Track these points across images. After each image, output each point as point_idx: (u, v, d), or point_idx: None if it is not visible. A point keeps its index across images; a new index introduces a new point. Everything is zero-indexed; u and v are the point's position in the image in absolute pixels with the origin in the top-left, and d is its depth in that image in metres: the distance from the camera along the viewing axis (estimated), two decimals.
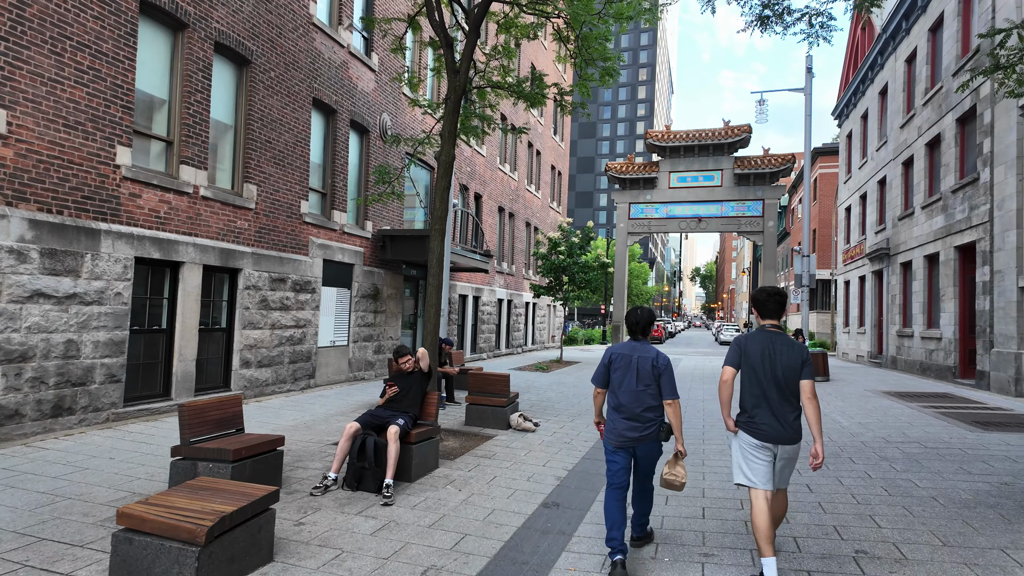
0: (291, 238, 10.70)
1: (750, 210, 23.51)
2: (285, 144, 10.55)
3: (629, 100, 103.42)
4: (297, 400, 9.94)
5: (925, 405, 10.32)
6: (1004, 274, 11.73)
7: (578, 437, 7.88)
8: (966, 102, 13.71)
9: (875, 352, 20.90)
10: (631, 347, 3.88)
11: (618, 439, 3.78)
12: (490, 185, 20.06)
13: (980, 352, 12.71)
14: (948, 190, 14.54)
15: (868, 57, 21.44)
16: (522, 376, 14.81)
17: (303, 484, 5.39)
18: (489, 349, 20.12)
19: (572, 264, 18.93)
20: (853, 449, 7.01)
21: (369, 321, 13.02)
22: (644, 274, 57.01)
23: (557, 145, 28.51)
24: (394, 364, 6.21)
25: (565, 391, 12.39)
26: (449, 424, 8.41)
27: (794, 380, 3.48)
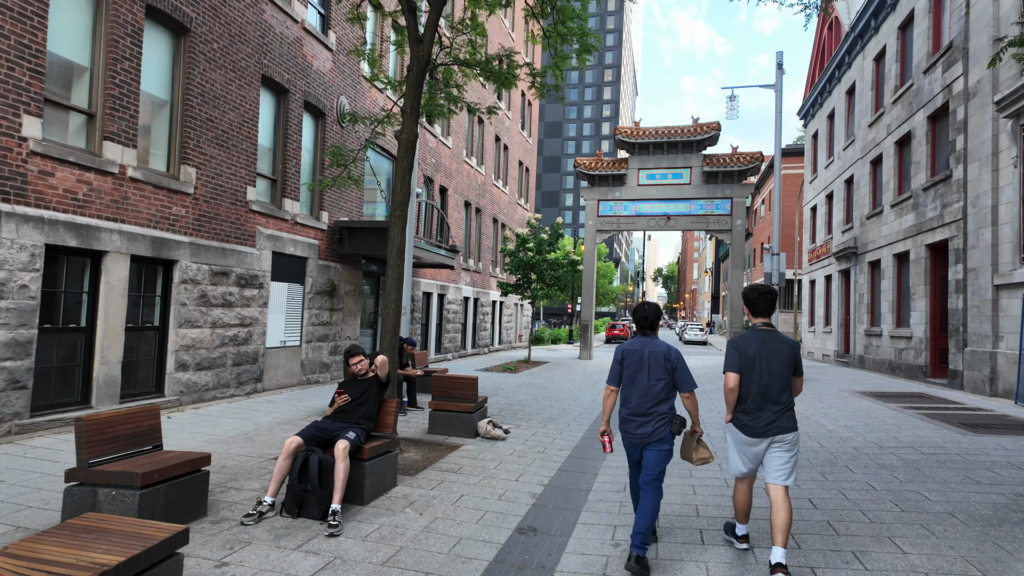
0: (236, 227, 9.71)
1: (718, 208, 23.30)
2: (229, 124, 9.57)
3: (595, 100, 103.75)
4: (241, 407, 8.98)
5: (905, 406, 10.03)
6: (978, 272, 11.58)
7: (552, 445, 7.21)
8: (938, 99, 13.61)
9: (842, 351, 20.92)
10: (642, 343, 3.87)
11: (630, 437, 3.84)
12: (456, 178, 19.27)
13: (953, 351, 12.58)
14: (919, 188, 14.45)
15: (835, 56, 21.46)
16: (489, 378, 14.08)
17: (234, 510, 4.55)
18: (455, 349, 19.32)
19: (541, 261, 18.33)
20: (847, 456, 6.53)
21: (324, 320, 12.08)
22: (610, 273, 57.01)
23: (525, 140, 27.88)
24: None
25: (535, 393, 11.73)
26: (411, 432, 7.62)
27: (788, 376, 3.64)
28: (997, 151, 11.20)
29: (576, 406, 10.38)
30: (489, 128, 22.62)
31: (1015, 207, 10.57)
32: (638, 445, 3.81)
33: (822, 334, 23.65)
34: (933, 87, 13.85)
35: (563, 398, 11.32)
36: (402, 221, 6.75)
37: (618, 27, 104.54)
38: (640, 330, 3.99)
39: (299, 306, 11.39)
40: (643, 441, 3.77)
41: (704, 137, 22.96)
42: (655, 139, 23.20)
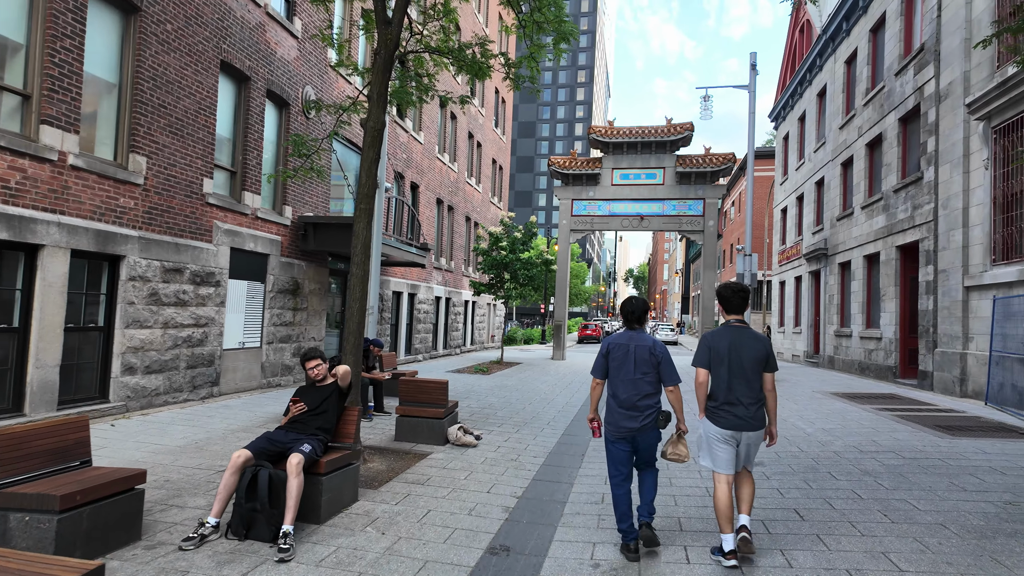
0: (191, 222, 9.13)
1: (691, 209, 23.31)
2: (184, 111, 8.98)
3: (568, 101, 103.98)
4: (194, 412, 8.42)
5: (879, 407, 9.98)
6: (949, 273, 11.65)
7: (526, 452, 6.87)
8: (909, 101, 13.71)
9: (811, 352, 21.10)
10: (628, 336, 3.88)
11: (617, 430, 3.82)
12: (428, 175, 18.80)
13: (923, 352, 12.65)
14: (890, 190, 14.55)
15: (807, 59, 21.65)
16: (461, 379, 13.68)
17: (174, 532, 4.09)
18: (425, 350, 18.86)
19: (514, 260, 17.98)
20: (828, 461, 6.34)
21: (287, 320, 11.53)
22: (583, 274, 57.07)
23: (499, 138, 27.53)
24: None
25: (508, 396, 11.38)
26: (376, 440, 7.20)
27: (758, 372, 3.68)
28: (968, 153, 11.26)
29: (550, 409, 10.07)
30: (462, 125, 22.20)
31: (986, 209, 10.63)
32: (625, 438, 3.83)
33: (792, 335, 23.87)
34: (904, 89, 13.95)
35: (537, 400, 11.00)
36: (368, 215, 6.33)
37: (591, 28, 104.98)
38: (627, 324, 3.99)
39: (260, 305, 10.83)
40: (630, 434, 3.81)
41: (677, 137, 22.94)
42: (629, 139, 23.09)
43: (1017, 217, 9.93)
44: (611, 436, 3.87)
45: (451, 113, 21.00)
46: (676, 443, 3.89)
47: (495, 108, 27.11)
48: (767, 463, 6.30)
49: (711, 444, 3.76)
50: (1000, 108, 10.21)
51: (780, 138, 26.81)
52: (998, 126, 10.40)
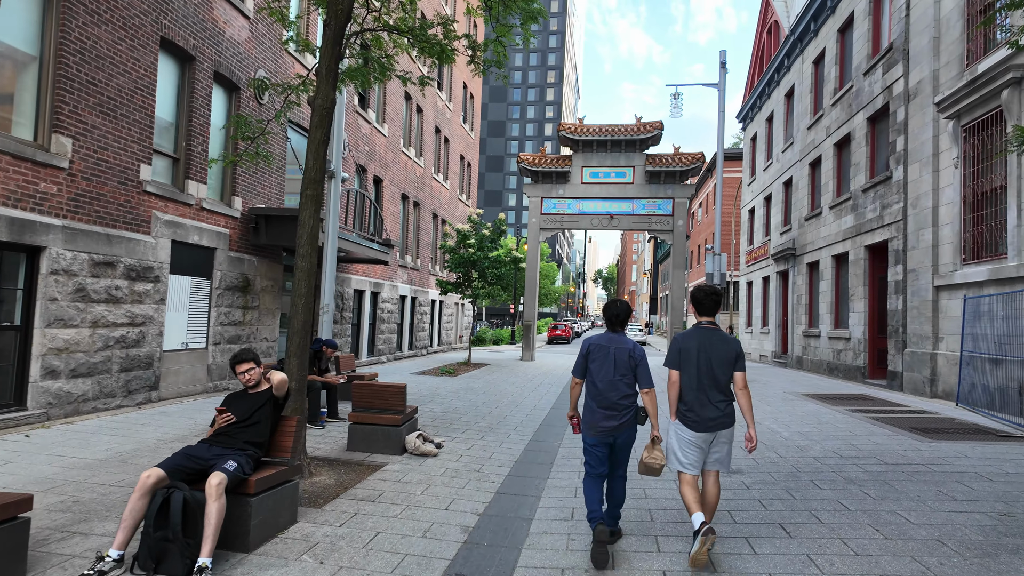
0: (125, 211, 8.35)
1: (660, 208, 23.15)
2: (118, 89, 8.20)
3: (538, 101, 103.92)
4: (126, 420, 7.66)
5: (852, 409, 9.78)
6: (918, 273, 11.58)
7: (490, 461, 6.36)
8: (878, 100, 13.67)
9: (779, 352, 21.12)
10: (608, 338, 3.95)
11: (596, 430, 3.85)
12: (392, 169, 18.13)
13: (892, 352, 12.59)
14: (858, 189, 14.52)
15: (774, 60, 21.69)
16: (425, 382, 13.09)
17: (70, 568, 3.45)
18: (389, 351, 18.18)
19: (483, 258, 17.46)
20: (809, 468, 6.00)
21: (236, 319, 10.77)
22: (552, 273, 56.86)
23: (467, 134, 26.96)
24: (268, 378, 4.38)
25: (474, 399, 10.85)
26: (327, 450, 6.59)
27: (729, 372, 3.72)
28: (938, 152, 11.20)
29: (517, 413, 9.58)
30: (429, 119, 21.57)
31: (956, 208, 10.56)
32: (605, 441, 3.87)
33: (759, 335, 23.92)
34: (873, 89, 13.92)
35: (504, 404, 10.50)
36: (315, 202, 5.72)
37: (561, 29, 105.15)
38: (610, 326, 4.04)
39: (205, 303, 10.06)
40: (609, 434, 3.85)
41: (647, 136, 22.74)
42: (599, 136, 22.80)
43: (987, 216, 9.86)
44: (589, 437, 3.90)
45: (417, 106, 20.36)
46: (651, 449, 3.89)
47: (463, 103, 26.54)
48: (746, 470, 5.93)
49: (680, 446, 3.82)
50: (970, 107, 10.14)
51: (748, 139, 26.92)
52: (967, 124, 10.33)
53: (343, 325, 14.86)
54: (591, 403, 3.91)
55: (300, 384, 5.52)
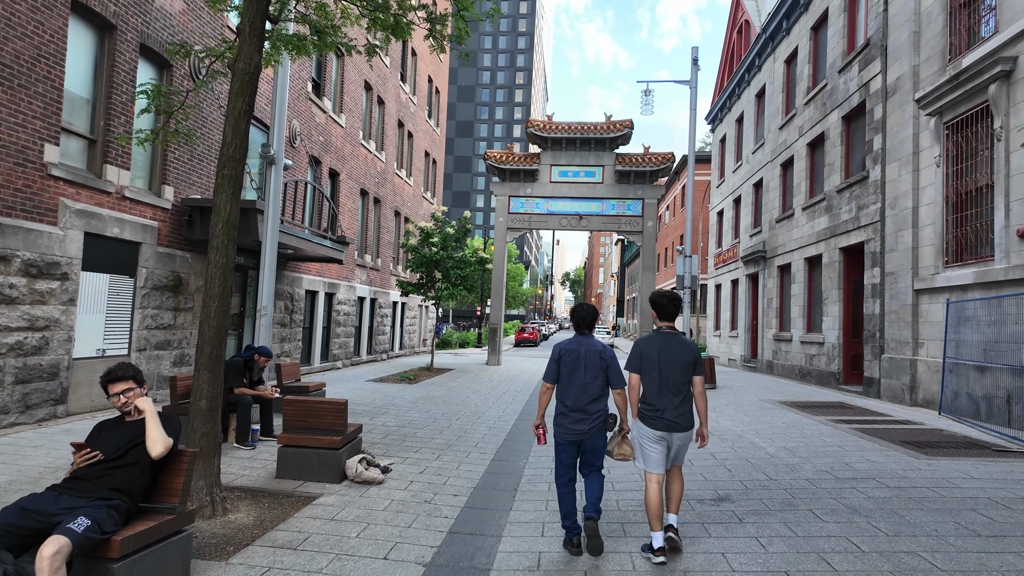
0: (24, 197, 7.20)
1: (630, 209, 22.64)
2: (15, 55, 7.06)
3: (506, 102, 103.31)
4: (16, 442, 6.53)
5: (834, 419, 9.24)
6: (897, 276, 11.18)
7: (445, 488, 5.50)
8: (854, 98, 13.31)
9: (749, 356, 20.78)
10: (578, 342, 4.00)
11: (566, 432, 3.92)
12: (350, 162, 17.08)
13: (869, 358, 12.18)
14: (833, 190, 14.15)
15: (745, 59, 21.40)
16: (381, 391, 12.13)
17: None
18: (346, 356, 17.10)
19: (446, 258, 16.56)
20: (805, 494, 5.32)
21: (165, 322, 9.64)
22: (520, 276, 56.16)
23: (432, 130, 26.00)
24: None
25: (433, 410, 9.96)
26: (252, 478, 5.62)
27: (688, 375, 3.83)
28: (918, 150, 10.81)
29: (480, 425, 8.74)
30: (391, 111, 20.56)
31: (937, 208, 10.16)
32: (573, 441, 3.94)
33: (728, 338, 23.60)
34: (849, 86, 13.56)
35: (465, 415, 9.64)
36: (233, 184, 4.78)
37: (530, 30, 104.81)
38: (577, 330, 4.11)
39: (128, 304, 8.92)
40: (579, 437, 3.92)
41: (617, 135, 22.20)
42: (568, 134, 22.15)
43: (971, 217, 9.46)
44: (560, 439, 3.97)
45: (378, 97, 19.33)
46: (621, 443, 4.00)
47: (428, 97, 25.57)
48: (735, 497, 5.22)
49: (643, 445, 3.90)
50: (953, 103, 9.75)
51: (717, 140, 26.68)
52: (950, 122, 9.94)
53: (292, 329, 13.76)
54: (562, 407, 3.98)
55: (212, 403, 4.58)
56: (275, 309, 13.07)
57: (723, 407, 10.70)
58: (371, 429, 8.13)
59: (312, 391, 9.08)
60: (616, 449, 4.00)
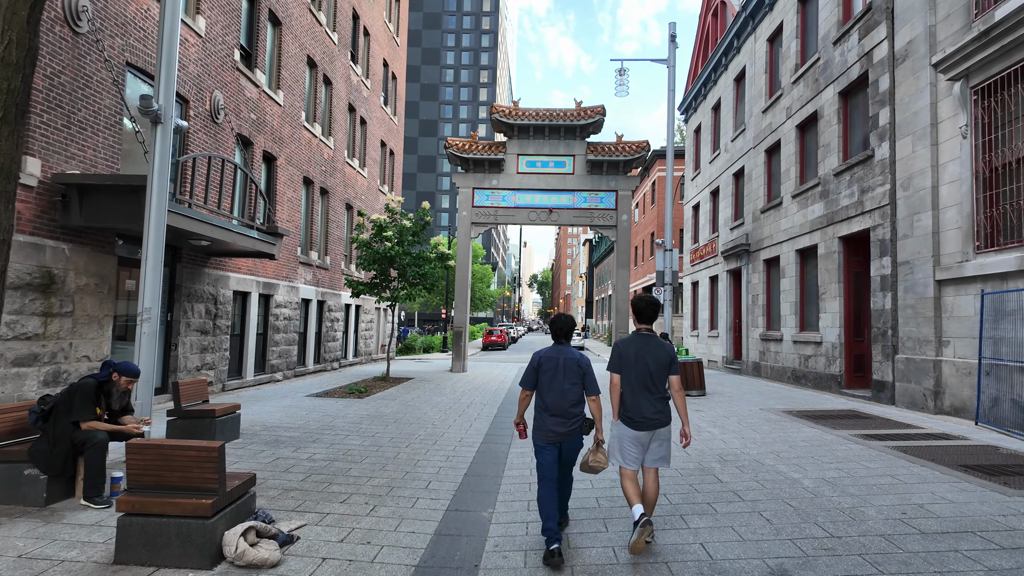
0: None
1: (603, 202, 21.15)
2: None
3: (471, 101, 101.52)
4: None
5: (859, 433, 7.77)
6: (914, 266, 9.83)
7: (376, 567, 3.71)
8: (853, 70, 12.00)
9: (732, 357, 19.47)
10: (557, 350, 4.16)
11: (547, 435, 4.06)
12: (290, 146, 15.06)
13: (878, 359, 10.83)
14: (829, 173, 12.83)
15: (722, 43, 20.15)
16: (320, 408, 10.20)
17: None
18: (288, 367, 15.04)
19: (403, 254, 14.71)
20: (893, 564, 3.71)
21: (30, 330, 7.55)
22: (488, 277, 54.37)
23: (388, 118, 24.04)
24: None
25: (380, 432, 8.12)
26: (81, 559, 3.71)
27: (664, 375, 4.02)
28: (936, 122, 9.49)
29: (436, 453, 6.96)
30: (340, 93, 18.56)
31: (964, 186, 8.81)
32: (554, 443, 4.05)
33: (707, 339, 22.31)
34: (847, 58, 12.25)
35: (419, 439, 7.84)
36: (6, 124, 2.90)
37: (493, 28, 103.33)
38: (555, 339, 4.26)
39: None
40: (560, 439, 4.04)
41: (588, 122, 20.67)
42: (536, 121, 20.51)
43: (1009, 193, 8.12)
44: (540, 441, 4.09)
45: (324, 76, 17.33)
46: (595, 452, 4.13)
47: (384, 83, 23.61)
48: (792, 572, 3.57)
49: (623, 444, 4.05)
50: (983, 63, 8.42)
51: (691, 131, 25.46)
52: (979, 85, 8.62)
53: (216, 336, 11.70)
54: (542, 412, 4.10)
55: None
56: (193, 313, 11.01)
57: (723, 419, 9.15)
58: (291, 467, 6.26)
59: (220, 415, 7.15)
60: (591, 457, 4.11)
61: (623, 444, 4.04)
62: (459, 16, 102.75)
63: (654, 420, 3.95)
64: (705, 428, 8.47)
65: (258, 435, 7.91)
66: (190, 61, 10.75)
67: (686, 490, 5.41)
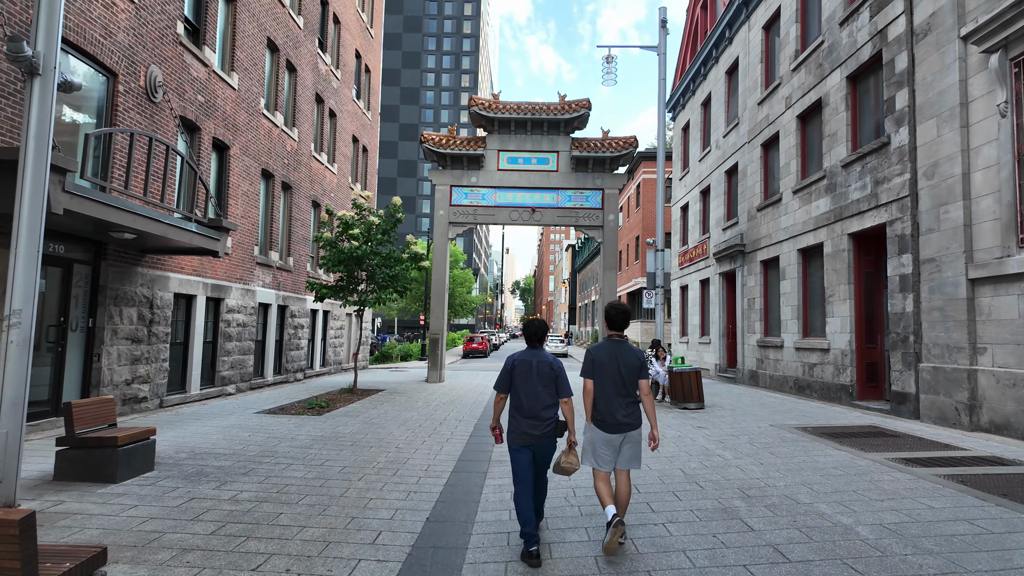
0: None
1: (588, 201, 20.00)
2: None
3: (452, 105, 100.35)
4: None
5: (898, 457, 6.62)
6: (941, 263, 8.76)
7: None
8: (864, 51, 10.98)
9: (725, 365, 18.37)
10: (531, 354, 4.23)
11: (521, 437, 4.11)
12: (246, 135, 13.64)
13: (898, 367, 9.74)
14: (837, 165, 11.79)
15: (712, 35, 19.19)
16: (268, 428, 8.80)
17: None
18: (243, 378, 13.56)
19: (371, 254, 13.36)
20: None
21: None
22: (469, 282, 52.99)
23: (361, 113, 22.69)
24: None
25: (331, 460, 6.77)
26: None
27: (635, 379, 4.12)
28: (967, 100, 8.44)
29: (394, 490, 5.63)
30: (306, 82, 17.19)
31: (1004, 171, 7.75)
32: (528, 445, 4.09)
33: (697, 345, 21.22)
34: (856, 38, 11.23)
35: (376, 468, 6.51)
36: None
37: (475, 32, 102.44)
38: (529, 343, 4.30)
39: None
40: (533, 441, 4.08)
41: (573, 116, 19.54)
42: (517, 115, 19.32)
43: None
44: (515, 444, 4.12)
45: (287, 62, 15.96)
46: (568, 453, 4.18)
47: (356, 75, 22.26)
48: None
49: (595, 446, 4.15)
50: None
51: (679, 129, 24.47)
52: (1020, 57, 7.58)
53: (152, 345, 10.22)
54: (516, 414, 4.15)
55: None
56: (122, 319, 9.54)
57: (731, 439, 7.95)
58: (203, 512, 4.89)
59: (124, 444, 5.75)
60: (563, 459, 4.17)
61: (596, 447, 4.16)
62: (440, 20, 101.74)
63: (625, 423, 4.07)
64: (715, 451, 7.25)
65: (180, 465, 6.51)
66: (119, 28, 9.35)
67: (711, 544, 4.16)
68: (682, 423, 9.44)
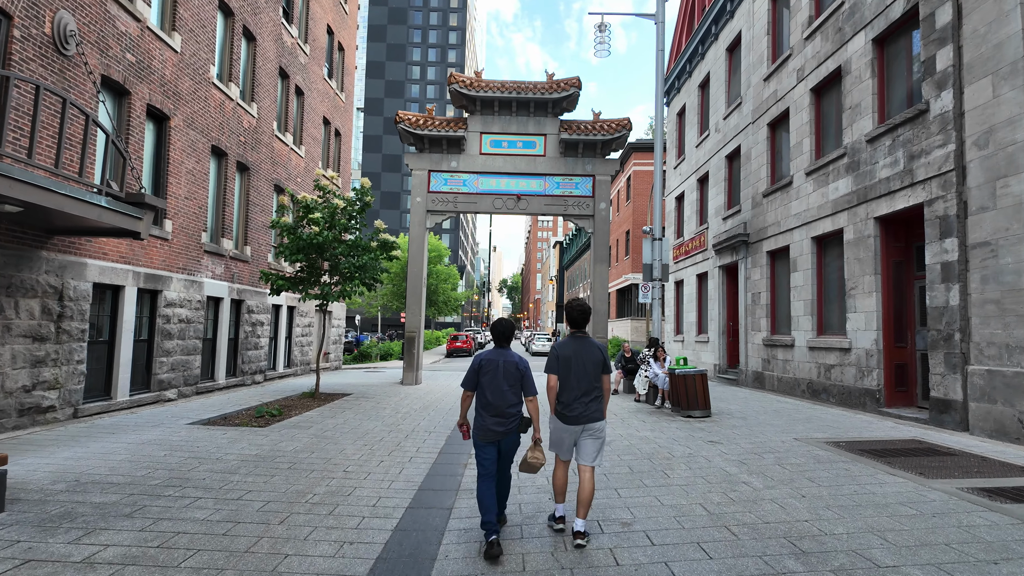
0: None
1: (578, 188, 18.54)
2: None
3: (438, 99, 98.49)
4: None
5: (974, 487, 5.25)
6: (998, 247, 7.41)
7: None
8: (895, 8, 9.61)
9: (725, 366, 17.02)
10: (498, 353, 4.33)
11: (486, 434, 4.20)
12: (192, 105, 12.00)
13: (940, 370, 8.38)
14: (860, 140, 10.42)
15: (712, 9, 17.81)
16: (194, 444, 7.22)
17: None
18: (187, 382, 11.92)
19: (334, 241, 11.82)
20: None
21: None
22: (454, 279, 51.37)
23: (334, 94, 21.04)
24: None
25: (254, 490, 5.23)
26: None
27: (598, 373, 4.28)
28: None
29: (325, 539, 4.12)
30: (268, 54, 15.55)
31: None
32: (493, 441, 4.18)
33: (694, 344, 19.86)
34: None
35: (309, 503, 5.00)
36: None
37: (461, 25, 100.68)
38: (497, 342, 4.41)
39: None
40: (498, 437, 4.18)
41: (561, 96, 18.06)
42: (502, 94, 17.80)
43: None
44: (480, 440, 4.19)
45: (244, 29, 14.31)
46: (533, 449, 4.28)
47: (328, 53, 20.61)
48: None
49: (559, 436, 4.30)
50: None
51: (674, 114, 23.11)
52: None
53: (62, 344, 8.59)
54: (482, 412, 4.24)
55: None
56: (18, 312, 7.91)
57: (754, 459, 6.53)
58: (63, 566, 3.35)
59: None
60: (529, 455, 4.27)
61: (557, 435, 4.32)
62: (426, 12, 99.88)
63: (586, 415, 4.20)
64: (739, 476, 5.82)
65: (45, 503, 4.96)
66: None
67: None
68: (690, 437, 8.01)
